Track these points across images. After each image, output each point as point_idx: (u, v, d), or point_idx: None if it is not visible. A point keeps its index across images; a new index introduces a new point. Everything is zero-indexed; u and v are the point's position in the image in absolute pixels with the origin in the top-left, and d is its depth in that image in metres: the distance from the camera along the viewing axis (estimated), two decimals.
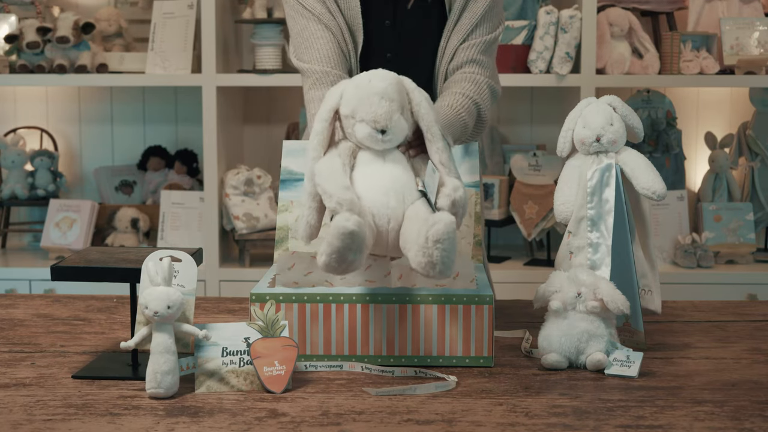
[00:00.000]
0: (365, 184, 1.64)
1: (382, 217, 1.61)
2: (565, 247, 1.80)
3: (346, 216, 1.53)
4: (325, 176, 1.61)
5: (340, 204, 1.57)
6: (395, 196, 1.62)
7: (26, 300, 2.18)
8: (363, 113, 1.64)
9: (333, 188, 1.59)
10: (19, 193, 3.75)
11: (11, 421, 1.41)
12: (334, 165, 1.64)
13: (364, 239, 1.54)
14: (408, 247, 1.58)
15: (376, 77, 1.65)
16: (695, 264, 3.50)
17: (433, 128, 1.66)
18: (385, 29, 2.10)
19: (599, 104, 1.81)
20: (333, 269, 1.54)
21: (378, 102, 1.63)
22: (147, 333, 1.53)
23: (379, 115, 1.63)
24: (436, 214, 1.55)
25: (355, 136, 1.66)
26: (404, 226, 1.61)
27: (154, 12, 3.66)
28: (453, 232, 1.53)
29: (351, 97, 1.65)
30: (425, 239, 1.52)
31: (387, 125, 1.63)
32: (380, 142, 1.64)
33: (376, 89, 1.63)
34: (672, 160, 3.68)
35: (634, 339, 1.77)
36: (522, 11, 3.50)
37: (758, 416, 1.44)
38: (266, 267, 3.43)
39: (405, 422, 1.41)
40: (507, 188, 3.59)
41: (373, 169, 1.65)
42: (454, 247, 1.54)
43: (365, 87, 1.64)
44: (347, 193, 1.59)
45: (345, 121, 1.67)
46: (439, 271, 1.53)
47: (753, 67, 3.44)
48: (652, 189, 1.75)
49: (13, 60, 3.61)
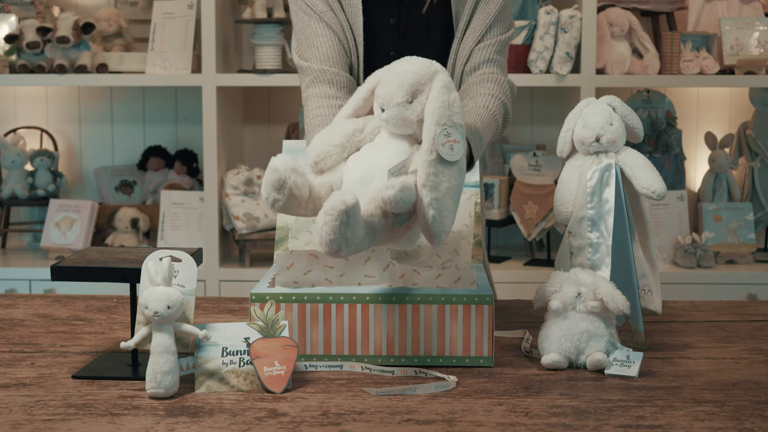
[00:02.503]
0: (357, 157, 1.67)
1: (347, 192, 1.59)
2: (565, 247, 1.80)
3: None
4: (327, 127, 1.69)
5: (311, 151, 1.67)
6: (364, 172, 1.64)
7: (26, 300, 2.18)
8: (379, 89, 1.67)
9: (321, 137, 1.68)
10: (19, 193, 3.75)
11: (11, 421, 1.41)
12: (344, 125, 1.69)
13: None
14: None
15: (405, 60, 1.68)
16: (695, 264, 3.50)
17: (429, 128, 1.60)
18: (389, 28, 2.11)
19: (599, 104, 1.81)
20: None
21: (391, 81, 1.64)
22: (147, 333, 1.53)
23: (385, 94, 1.64)
24: (393, 180, 1.55)
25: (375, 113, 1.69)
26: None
27: (154, 12, 3.66)
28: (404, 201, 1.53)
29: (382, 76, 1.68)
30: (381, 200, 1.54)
31: (385, 104, 1.64)
32: (379, 118, 1.66)
33: (396, 70, 1.65)
34: (672, 160, 3.68)
35: (634, 339, 1.77)
36: (522, 11, 3.50)
37: (758, 416, 1.44)
38: (266, 267, 3.44)
39: (405, 422, 1.41)
40: (507, 188, 3.59)
41: (373, 146, 1.68)
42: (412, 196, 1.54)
43: (393, 67, 1.67)
44: (324, 147, 1.66)
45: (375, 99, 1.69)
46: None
47: (753, 67, 3.44)
48: (651, 188, 1.75)
49: (13, 60, 3.61)
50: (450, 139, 1.57)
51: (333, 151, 1.69)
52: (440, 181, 1.55)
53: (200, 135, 3.66)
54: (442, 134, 1.56)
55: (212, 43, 3.44)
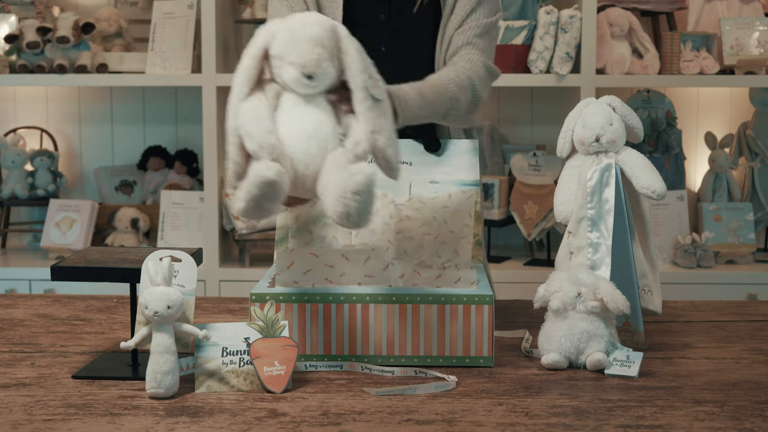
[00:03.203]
0: (288, 128, 1.62)
1: (301, 163, 1.60)
2: (565, 247, 1.80)
3: (267, 164, 1.54)
4: (249, 117, 1.60)
5: (261, 147, 1.57)
6: (316, 143, 1.61)
7: (26, 300, 2.18)
8: (293, 56, 1.62)
9: (256, 130, 1.59)
10: (19, 193, 3.75)
11: (11, 421, 1.41)
12: (259, 107, 1.62)
13: (282, 188, 1.55)
14: (326, 195, 1.58)
15: (310, 22, 1.64)
16: (695, 264, 3.50)
17: (357, 77, 1.63)
18: (379, 24, 2.11)
19: (599, 104, 1.81)
20: (250, 216, 1.55)
21: (310, 47, 1.61)
22: (147, 333, 1.53)
23: (309, 61, 1.61)
24: (357, 166, 1.56)
25: (281, 77, 1.64)
26: (323, 173, 1.60)
27: (154, 12, 3.66)
28: (372, 185, 1.55)
29: (283, 38, 1.63)
30: (344, 189, 1.53)
31: (315, 72, 1.61)
32: (306, 87, 1.63)
33: (310, 34, 1.62)
34: (672, 160, 3.68)
35: (634, 339, 1.77)
36: (522, 11, 3.50)
37: (758, 416, 1.44)
38: (266, 267, 3.44)
39: (405, 422, 1.41)
40: (507, 188, 3.59)
41: (296, 113, 1.64)
42: (372, 200, 1.56)
43: (299, 30, 1.63)
44: (270, 137, 1.59)
45: (274, 61, 1.64)
46: (354, 222, 1.55)
47: (753, 67, 3.44)
48: (651, 188, 1.75)
49: (13, 60, 3.61)
50: (374, 79, 1.63)
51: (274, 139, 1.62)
52: (383, 121, 1.62)
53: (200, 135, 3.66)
54: (368, 78, 1.63)
55: (212, 43, 3.44)
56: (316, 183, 1.61)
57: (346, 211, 1.53)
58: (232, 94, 1.63)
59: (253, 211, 1.54)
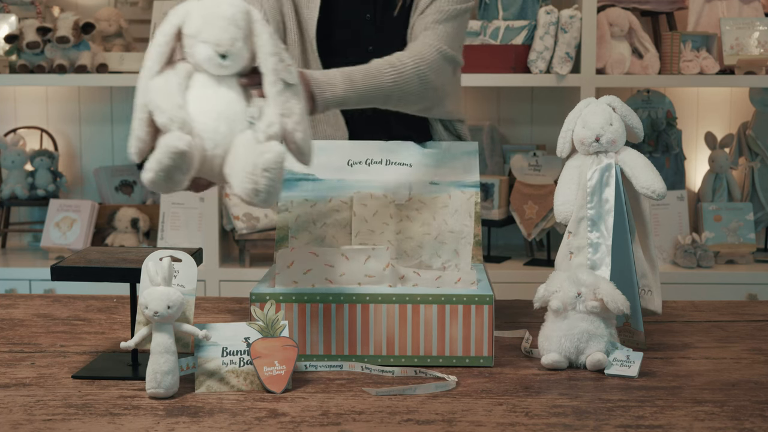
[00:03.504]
0: (198, 106, 1.62)
1: (210, 142, 1.60)
2: (565, 247, 1.80)
3: (178, 135, 1.54)
4: (160, 91, 1.60)
5: (171, 120, 1.57)
6: (226, 123, 1.61)
7: (26, 300, 2.18)
8: (207, 35, 1.61)
9: (166, 104, 1.58)
10: (19, 193, 3.75)
11: (11, 421, 1.41)
12: (169, 82, 1.62)
13: (193, 160, 1.55)
14: (234, 174, 1.58)
15: (225, 2, 1.63)
16: (695, 264, 3.50)
17: (268, 61, 1.63)
18: (365, 23, 2.11)
19: (599, 104, 1.81)
20: (158, 187, 1.55)
21: (225, 26, 1.61)
22: (147, 333, 1.53)
23: (223, 40, 1.61)
24: (267, 144, 1.56)
25: (194, 56, 1.64)
26: (232, 154, 1.60)
27: (154, 12, 3.66)
28: (282, 163, 1.55)
29: (197, 17, 1.63)
30: (253, 166, 1.53)
31: (229, 51, 1.61)
32: (219, 66, 1.62)
33: (224, 14, 1.62)
34: (672, 160, 3.68)
35: (634, 339, 1.77)
36: (522, 11, 3.50)
37: (758, 416, 1.44)
38: (266, 267, 3.43)
39: (405, 422, 1.41)
40: (507, 188, 3.59)
41: (207, 92, 1.63)
42: (281, 178, 1.56)
43: (213, 9, 1.62)
44: (180, 111, 1.58)
45: (187, 40, 1.64)
46: (263, 199, 1.55)
47: (753, 67, 3.44)
48: (651, 188, 1.75)
49: (13, 60, 3.61)
50: (285, 63, 1.63)
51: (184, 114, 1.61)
52: (293, 104, 1.62)
53: None
54: (279, 62, 1.62)
55: None
56: (223, 165, 1.60)
57: (254, 188, 1.53)
58: (142, 71, 1.62)
59: (163, 181, 1.53)
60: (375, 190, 1.94)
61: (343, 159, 1.99)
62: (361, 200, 1.93)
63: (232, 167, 1.58)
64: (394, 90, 1.94)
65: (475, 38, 3.48)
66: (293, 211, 1.94)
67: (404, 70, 1.95)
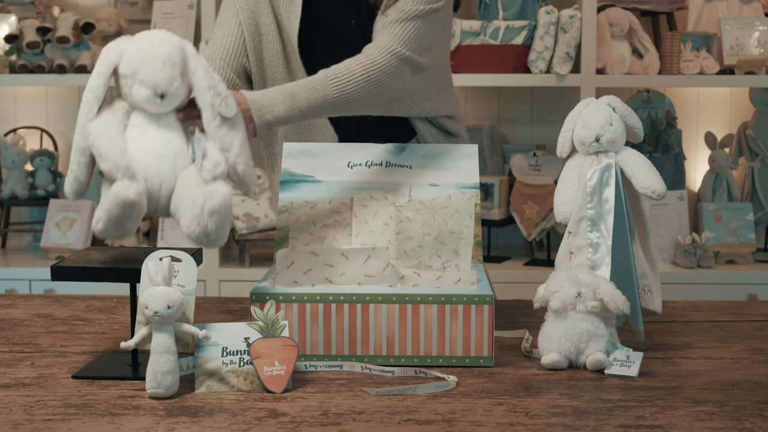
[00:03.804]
0: (138, 146, 1.63)
1: (154, 182, 1.63)
2: (565, 247, 1.80)
3: (125, 184, 1.56)
4: (101, 137, 1.61)
5: (116, 168, 1.58)
6: (167, 162, 1.63)
7: (26, 300, 2.18)
8: (144, 76, 1.63)
9: (109, 151, 1.59)
10: (19, 193, 3.75)
11: (11, 421, 1.41)
12: (109, 126, 1.63)
13: (142, 207, 1.58)
14: (180, 215, 1.61)
15: (159, 41, 1.65)
16: (695, 264, 3.50)
17: (205, 96, 1.66)
18: (350, 29, 2.10)
19: (599, 104, 1.81)
20: (109, 235, 1.58)
21: (161, 67, 1.63)
22: (147, 333, 1.53)
23: (161, 81, 1.63)
24: (213, 186, 1.59)
25: (132, 96, 1.65)
26: (177, 192, 1.63)
27: (154, 12, 3.66)
28: (228, 204, 1.58)
29: (133, 57, 1.64)
30: (201, 209, 1.56)
31: (167, 91, 1.63)
32: (158, 106, 1.64)
33: (160, 54, 1.63)
34: (672, 160, 3.68)
35: (634, 339, 1.77)
36: (522, 11, 3.50)
37: (758, 416, 1.44)
38: (266, 267, 3.43)
39: (405, 422, 1.41)
40: (507, 188, 3.59)
41: (146, 132, 1.65)
42: (228, 218, 1.60)
43: (149, 50, 1.64)
44: (123, 157, 1.60)
45: (123, 80, 1.65)
46: (212, 240, 1.59)
47: (753, 67, 3.44)
48: (651, 188, 1.75)
49: (13, 60, 3.61)
50: (222, 96, 1.66)
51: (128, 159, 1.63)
52: (231, 137, 1.67)
53: None
54: (216, 96, 1.66)
55: None
56: (169, 203, 1.64)
57: (203, 231, 1.57)
58: (80, 113, 1.64)
59: (114, 230, 1.57)
60: (375, 192, 1.94)
61: (343, 161, 1.99)
62: (361, 201, 1.94)
63: (178, 207, 1.62)
64: (341, 99, 1.92)
65: (475, 38, 3.48)
66: (293, 213, 1.94)
67: (351, 78, 1.93)
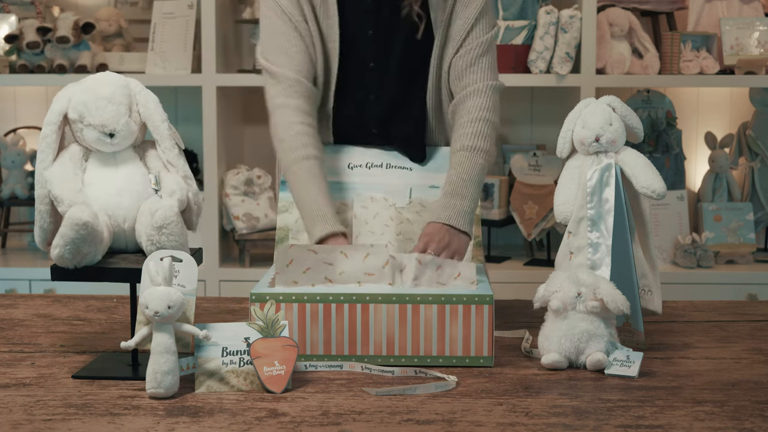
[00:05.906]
0: (98, 186, 1.68)
1: (118, 217, 1.67)
2: (565, 247, 1.80)
3: (80, 207, 1.58)
4: (57, 183, 1.66)
5: (72, 205, 1.62)
6: (129, 195, 1.67)
7: (26, 300, 2.18)
8: (91, 118, 1.67)
9: (65, 194, 1.64)
10: (19, 193, 3.75)
11: (11, 421, 1.41)
12: (65, 169, 1.67)
13: (99, 232, 1.59)
14: (140, 240, 1.65)
15: (102, 82, 1.69)
16: (695, 264, 3.50)
17: (160, 128, 1.71)
18: (367, 39, 2.07)
19: (598, 104, 1.81)
20: (68, 261, 1.59)
21: (105, 106, 1.67)
22: (147, 333, 1.53)
23: (106, 119, 1.67)
24: (158, 201, 1.63)
25: (84, 140, 1.70)
26: (137, 222, 1.67)
27: (154, 12, 3.66)
28: (176, 216, 1.61)
29: (78, 101, 1.68)
30: (151, 228, 1.60)
31: (115, 129, 1.67)
32: (110, 145, 1.69)
33: (102, 94, 1.68)
34: (672, 160, 3.68)
35: (634, 339, 1.77)
36: (522, 11, 3.50)
37: (758, 416, 1.44)
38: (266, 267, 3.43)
39: (405, 422, 1.41)
40: (507, 188, 3.59)
41: (105, 171, 1.69)
42: (182, 230, 1.62)
43: (92, 92, 1.68)
44: (79, 195, 1.64)
45: (74, 125, 1.70)
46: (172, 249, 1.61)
47: (753, 67, 3.44)
48: (651, 188, 1.75)
49: (13, 60, 3.61)
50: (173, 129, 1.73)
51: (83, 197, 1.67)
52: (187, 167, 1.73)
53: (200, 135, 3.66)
54: (170, 128, 1.72)
55: (212, 43, 3.44)
56: None
57: (159, 247, 1.60)
58: (37, 163, 1.69)
59: (71, 255, 1.58)
60: (375, 193, 1.94)
61: (344, 162, 2.00)
62: (361, 203, 1.94)
63: (139, 234, 1.65)
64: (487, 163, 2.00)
65: None
66: (294, 213, 1.94)
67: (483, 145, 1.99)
